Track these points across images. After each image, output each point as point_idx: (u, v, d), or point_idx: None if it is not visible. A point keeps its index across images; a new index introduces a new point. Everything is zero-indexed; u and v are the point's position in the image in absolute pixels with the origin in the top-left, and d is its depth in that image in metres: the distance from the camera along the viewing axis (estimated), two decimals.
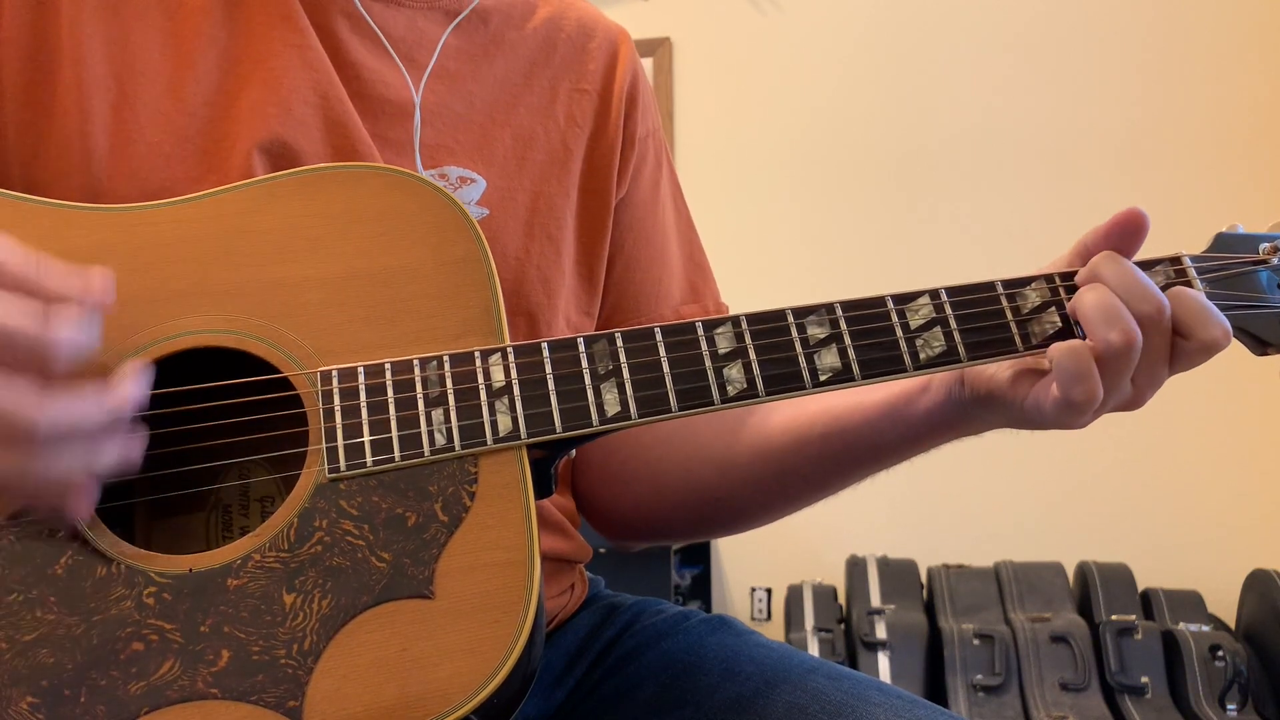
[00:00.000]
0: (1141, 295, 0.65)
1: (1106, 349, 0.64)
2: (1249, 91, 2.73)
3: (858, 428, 0.78)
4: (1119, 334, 0.64)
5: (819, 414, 0.81)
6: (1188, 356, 0.67)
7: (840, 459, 0.81)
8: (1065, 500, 2.77)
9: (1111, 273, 0.66)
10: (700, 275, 0.97)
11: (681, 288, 0.95)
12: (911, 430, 0.76)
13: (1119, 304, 0.65)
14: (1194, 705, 2.31)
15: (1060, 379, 0.65)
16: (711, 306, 0.96)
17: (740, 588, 2.97)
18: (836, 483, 0.84)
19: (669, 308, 0.93)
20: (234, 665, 0.59)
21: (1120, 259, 0.67)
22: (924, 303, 0.68)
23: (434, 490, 0.63)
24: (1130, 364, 0.65)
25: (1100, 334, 0.64)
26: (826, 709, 0.73)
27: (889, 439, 0.78)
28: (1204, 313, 0.66)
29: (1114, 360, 0.65)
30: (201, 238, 0.67)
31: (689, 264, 0.97)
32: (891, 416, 0.76)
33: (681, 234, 0.98)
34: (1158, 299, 0.66)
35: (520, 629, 0.60)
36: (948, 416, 0.74)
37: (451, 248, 0.68)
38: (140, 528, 0.70)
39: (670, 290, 0.94)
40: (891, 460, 0.80)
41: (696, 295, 0.96)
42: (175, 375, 0.65)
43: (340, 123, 0.77)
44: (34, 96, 0.73)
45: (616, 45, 0.93)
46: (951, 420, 0.74)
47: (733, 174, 3.00)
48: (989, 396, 0.71)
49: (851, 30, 2.98)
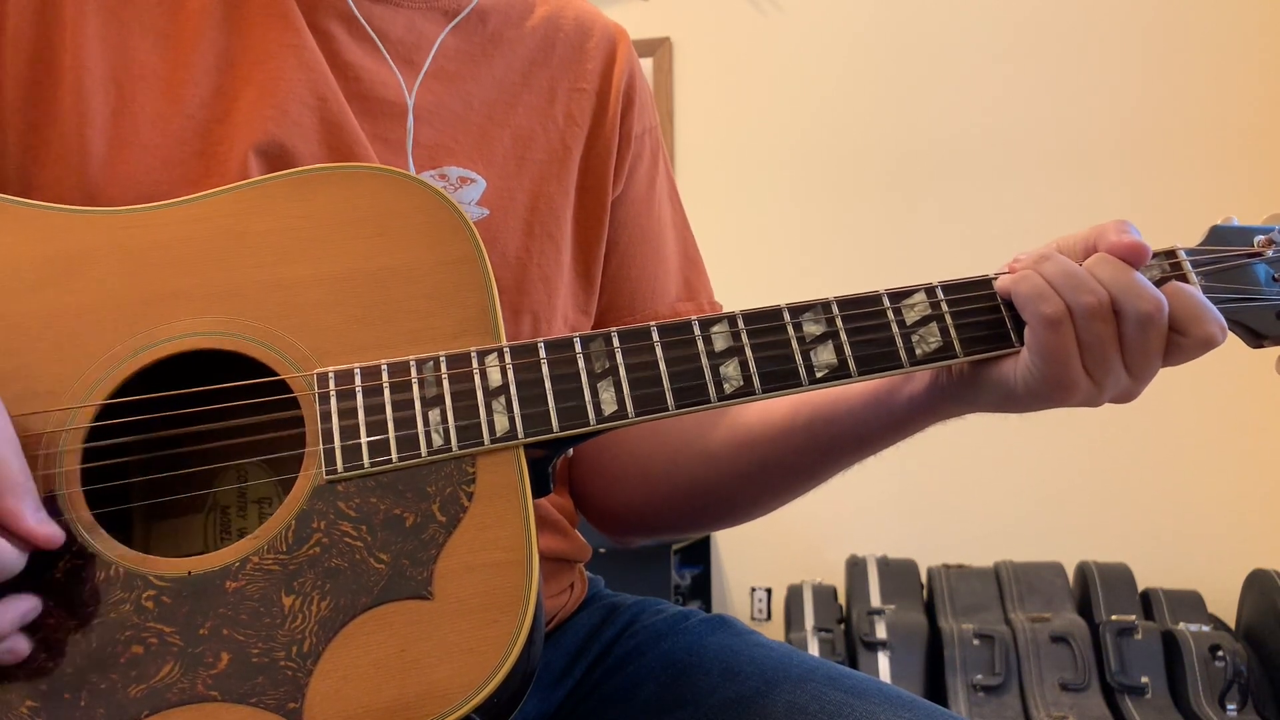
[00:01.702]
0: (1138, 294, 0.66)
1: (1082, 313, 0.65)
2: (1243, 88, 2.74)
3: (841, 418, 0.78)
4: (1089, 295, 0.65)
5: (799, 405, 0.81)
6: (1183, 352, 0.67)
7: (825, 449, 0.81)
8: (1065, 500, 2.76)
9: (1109, 275, 0.66)
10: (695, 272, 0.97)
11: (677, 285, 0.95)
12: (895, 418, 0.76)
13: (1082, 272, 0.66)
14: (1194, 705, 2.31)
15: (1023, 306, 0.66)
16: (706, 304, 0.96)
17: (740, 588, 2.97)
18: (822, 472, 0.83)
19: (664, 304, 0.93)
20: (233, 667, 0.59)
21: (1117, 262, 0.67)
22: (920, 299, 0.69)
23: (432, 491, 0.63)
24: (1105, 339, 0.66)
25: (1071, 299, 0.65)
26: (826, 709, 0.73)
27: (873, 427, 0.78)
28: (1200, 309, 0.66)
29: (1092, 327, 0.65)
30: (197, 240, 0.67)
31: (684, 261, 0.97)
32: (876, 406, 0.77)
33: (677, 231, 0.98)
34: (1155, 298, 0.66)
35: (519, 628, 0.60)
36: (932, 401, 0.74)
37: (447, 248, 0.68)
38: (138, 531, 0.70)
39: (666, 287, 0.94)
40: (877, 447, 0.80)
41: (692, 292, 0.96)
42: (171, 378, 0.65)
43: (337, 124, 0.77)
44: (35, 99, 0.73)
45: (614, 43, 0.94)
46: (935, 404, 0.74)
47: (732, 174, 3.00)
48: (974, 377, 0.71)
49: (851, 30, 2.98)
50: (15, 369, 0.64)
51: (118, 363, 0.64)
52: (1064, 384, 0.67)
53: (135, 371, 0.64)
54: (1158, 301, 0.65)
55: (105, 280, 0.66)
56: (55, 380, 0.64)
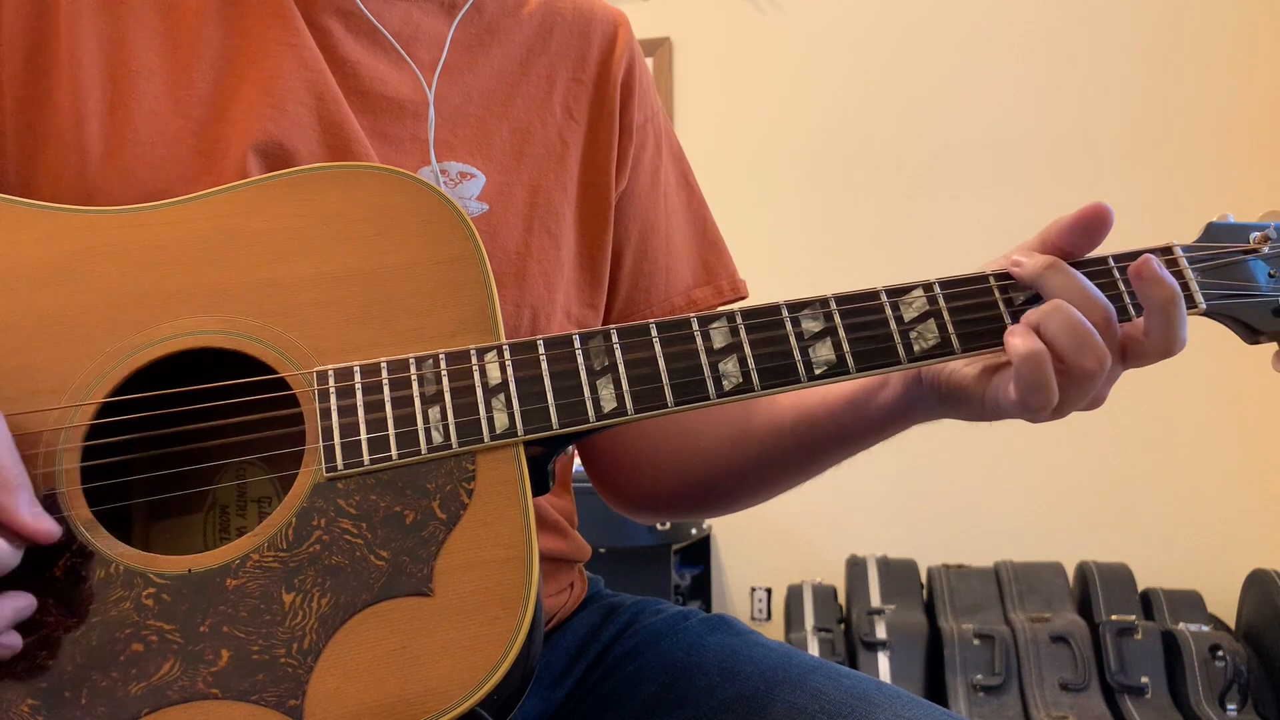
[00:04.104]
0: (1089, 303, 0.66)
1: (1080, 374, 0.65)
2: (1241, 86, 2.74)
3: (823, 421, 0.82)
4: (1092, 360, 0.65)
5: (789, 409, 0.85)
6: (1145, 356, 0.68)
7: (810, 449, 0.85)
8: (1065, 500, 2.77)
9: (1060, 284, 0.67)
10: (714, 252, 0.97)
11: (693, 269, 0.95)
12: (872, 423, 0.80)
13: (1090, 329, 0.65)
14: (1194, 705, 2.31)
15: (1019, 384, 0.66)
16: (725, 285, 0.96)
17: (740, 588, 2.97)
18: (811, 468, 0.88)
19: (679, 293, 0.94)
20: (234, 665, 0.59)
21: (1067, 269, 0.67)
22: (918, 295, 0.69)
23: (432, 488, 0.63)
24: (1097, 383, 0.66)
25: (1073, 360, 0.65)
26: (826, 709, 0.73)
27: (851, 431, 0.81)
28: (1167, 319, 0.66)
29: (1084, 382, 0.66)
30: (196, 239, 0.67)
31: (701, 242, 0.97)
32: (853, 411, 0.80)
33: (692, 212, 0.98)
34: (1105, 308, 0.66)
35: (519, 625, 0.60)
36: (904, 410, 0.77)
37: (446, 246, 0.68)
38: (138, 529, 0.71)
39: (680, 275, 0.94)
40: (857, 448, 0.84)
41: (710, 274, 0.96)
42: (171, 376, 0.65)
43: (335, 122, 0.77)
44: (31, 97, 0.73)
45: (614, 31, 0.93)
46: (908, 413, 0.77)
47: (732, 173, 3.00)
48: (949, 394, 0.73)
49: (851, 30, 2.99)
50: (15, 368, 0.64)
51: (117, 361, 0.64)
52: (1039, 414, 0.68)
53: (135, 370, 0.64)
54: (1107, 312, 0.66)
55: (105, 279, 0.66)
56: (55, 379, 0.64)
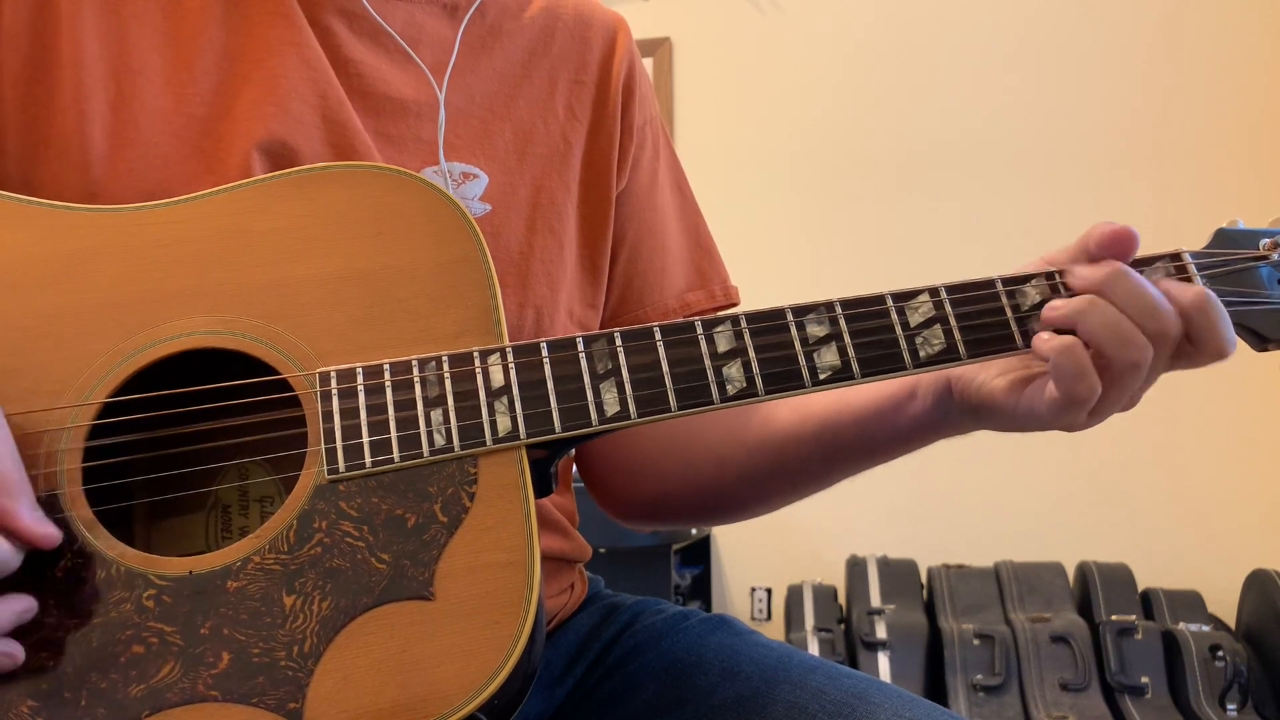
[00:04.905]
0: (1152, 313, 0.65)
1: (1123, 370, 0.64)
2: (1248, 89, 2.74)
3: (848, 429, 0.80)
4: (1136, 351, 0.64)
5: (809, 415, 0.83)
6: (1190, 360, 0.67)
7: (832, 458, 0.83)
8: (1065, 500, 2.77)
9: (1124, 292, 0.65)
10: (707, 258, 0.97)
11: (686, 273, 0.95)
12: (900, 434, 0.78)
13: (1130, 325, 0.64)
14: (1194, 705, 2.31)
15: (1059, 377, 0.65)
16: (718, 290, 0.96)
17: (740, 588, 2.97)
18: (827, 479, 0.86)
19: (673, 295, 0.94)
20: (234, 667, 0.58)
21: (1132, 276, 0.66)
22: (924, 300, 0.68)
23: (433, 491, 0.62)
24: (1139, 380, 0.65)
25: (1117, 355, 0.64)
26: (826, 708, 0.73)
27: (878, 441, 0.80)
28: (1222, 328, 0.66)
29: (1126, 378, 0.65)
30: (198, 239, 0.67)
31: (695, 248, 0.97)
32: (880, 420, 0.78)
33: (686, 218, 0.98)
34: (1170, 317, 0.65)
35: (520, 630, 0.59)
36: (934, 423, 0.76)
37: (450, 247, 0.68)
38: (140, 530, 0.70)
39: (674, 278, 0.94)
40: (882, 458, 0.82)
41: (703, 279, 0.96)
42: (173, 377, 0.65)
43: (339, 121, 0.77)
44: (33, 97, 0.72)
45: (614, 35, 0.94)
46: (938, 425, 0.76)
47: (732, 173, 3.00)
48: (981, 406, 0.71)
49: (851, 30, 2.98)
50: (17, 367, 0.64)
51: (119, 361, 0.64)
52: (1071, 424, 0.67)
53: (137, 370, 0.64)
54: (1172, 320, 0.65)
55: (107, 279, 0.66)
56: (57, 379, 0.64)
